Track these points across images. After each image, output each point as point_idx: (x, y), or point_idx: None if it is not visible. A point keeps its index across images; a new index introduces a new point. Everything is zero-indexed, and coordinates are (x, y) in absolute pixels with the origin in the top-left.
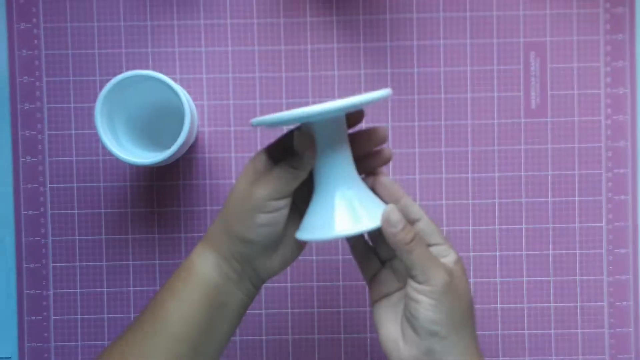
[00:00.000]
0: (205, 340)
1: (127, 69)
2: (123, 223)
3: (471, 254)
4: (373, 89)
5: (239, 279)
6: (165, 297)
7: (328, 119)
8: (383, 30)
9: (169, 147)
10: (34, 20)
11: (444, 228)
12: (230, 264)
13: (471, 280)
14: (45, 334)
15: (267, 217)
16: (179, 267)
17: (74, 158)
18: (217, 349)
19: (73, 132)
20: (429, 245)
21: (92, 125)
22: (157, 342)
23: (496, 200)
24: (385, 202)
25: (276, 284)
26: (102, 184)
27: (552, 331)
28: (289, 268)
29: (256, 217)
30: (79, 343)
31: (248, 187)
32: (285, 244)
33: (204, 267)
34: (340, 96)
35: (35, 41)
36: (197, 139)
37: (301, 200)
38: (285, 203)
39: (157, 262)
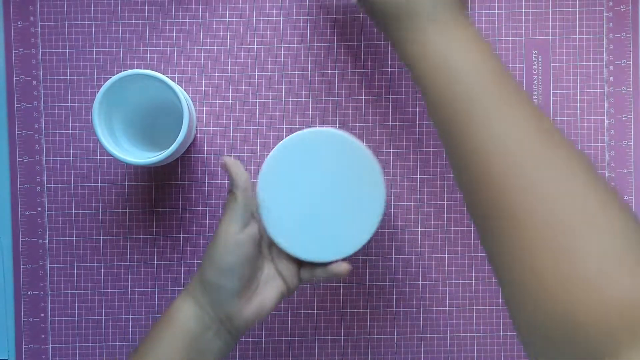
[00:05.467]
0: None
1: (125, 68)
2: (121, 223)
3: (473, 254)
4: (374, 87)
5: (217, 329)
6: (147, 348)
7: None
8: None
9: (167, 147)
10: (31, 18)
11: (445, 229)
12: (207, 313)
13: (474, 280)
14: (43, 336)
15: (231, 257)
16: (161, 317)
17: (72, 158)
18: None
19: (70, 131)
20: None
21: (89, 124)
22: None
23: None
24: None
25: None
26: (100, 184)
27: None
28: None
29: (221, 259)
30: (77, 344)
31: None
32: (258, 294)
33: (183, 315)
34: (340, 94)
35: (33, 40)
36: (195, 138)
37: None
38: (245, 237)
39: (156, 262)
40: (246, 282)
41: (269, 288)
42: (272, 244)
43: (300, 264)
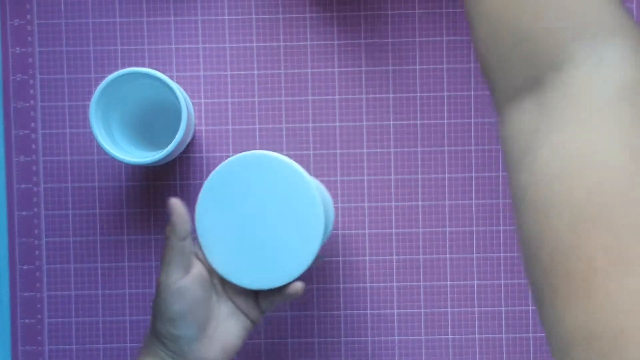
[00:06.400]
0: None
1: (123, 66)
2: (118, 224)
3: (474, 254)
4: (373, 86)
5: None
6: None
7: None
8: (384, 26)
9: (165, 146)
10: (28, 16)
11: (445, 229)
12: None
13: (473, 282)
14: (39, 337)
15: (178, 305)
16: None
17: (69, 157)
18: None
19: (67, 131)
20: None
21: (86, 124)
22: None
23: (499, 201)
24: None
25: None
26: (97, 184)
27: None
28: None
29: (168, 309)
30: (74, 346)
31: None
32: (220, 333)
33: None
34: (340, 94)
35: (29, 38)
36: (194, 137)
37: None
38: (189, 283)
39: (154, 263)
40: (202, 325)
41: (231, 325)
42: (224, 280)
43: (257, 294)
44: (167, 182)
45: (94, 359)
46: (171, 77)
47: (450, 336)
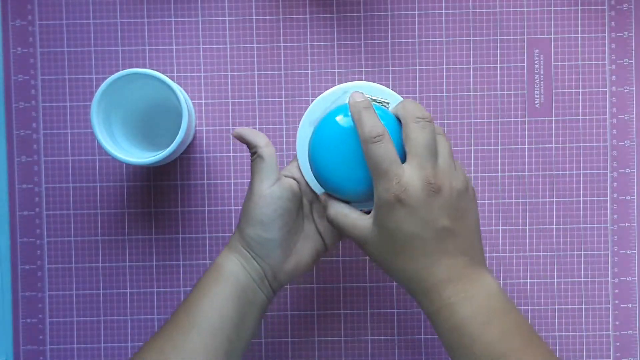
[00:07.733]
0: (236, 334)
1: (124, 67)
2: (120, 224)
3: None
4: None
5: (260, 280)
6: (198, 296)
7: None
8: (384, 27)
9: (166, 147)
10: (29, 17)
11: None
12: (251, 264)
13: None
14: (41, 337)
15: (268, 209)
16: (207, 270)
17: (70, 158)
18: (245, 346)
19: (69, 131)
20: None
21: (88, 124)
22: (194, 336)
23: (499, 201)
24: None
25: None
26: (98, 184)
27: (557, 334)
28: None
29: (260, 212)
30: (75, 345)
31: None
32: (298, 249)
33: (230, 267)
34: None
35: (31, 39)
36: (195, 138)
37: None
38: (279, 190)
39: (154, 263)
40: (286, 233)
41: (308, 245)
42: (312, 203)
43: None
44: (168, 183)
45: (95, 359)
46: (172, 78)
47: None
